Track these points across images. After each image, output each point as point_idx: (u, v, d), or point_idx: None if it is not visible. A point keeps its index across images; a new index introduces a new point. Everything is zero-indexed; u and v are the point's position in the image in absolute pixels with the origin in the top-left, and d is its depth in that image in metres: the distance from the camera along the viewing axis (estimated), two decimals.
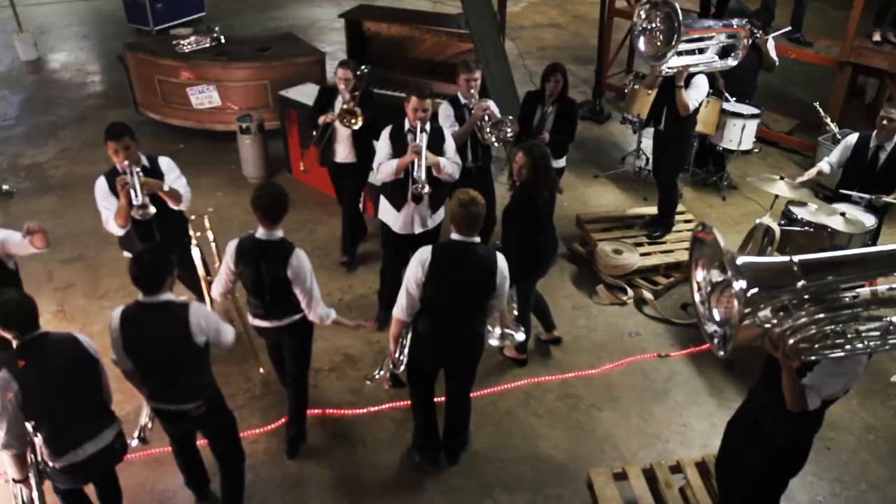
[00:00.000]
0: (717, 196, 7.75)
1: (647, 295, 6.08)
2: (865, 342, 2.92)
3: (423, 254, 3.94)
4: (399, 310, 4.07)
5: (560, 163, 6.25)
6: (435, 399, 4.59)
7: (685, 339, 5.78)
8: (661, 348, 5.71)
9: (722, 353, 2.85)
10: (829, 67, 8.46)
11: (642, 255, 6.35)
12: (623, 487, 4.36)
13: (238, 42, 8.66)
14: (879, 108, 6.92)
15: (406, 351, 4.22)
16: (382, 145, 5.13)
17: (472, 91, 5.56)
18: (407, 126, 5.10)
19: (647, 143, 7.52)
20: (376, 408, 5.10)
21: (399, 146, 5.07)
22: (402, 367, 4.26)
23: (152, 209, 4.51)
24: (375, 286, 5.93)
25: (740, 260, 2.70)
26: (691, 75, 6.05)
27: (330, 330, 5.65)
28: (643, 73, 7.51)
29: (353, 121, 5.73)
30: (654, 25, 5.62)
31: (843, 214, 5.39)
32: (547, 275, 5.36)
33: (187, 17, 11.93)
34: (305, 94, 7.45)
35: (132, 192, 4.46)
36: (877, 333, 2.93)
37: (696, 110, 6.35)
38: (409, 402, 5.11)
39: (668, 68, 5.82)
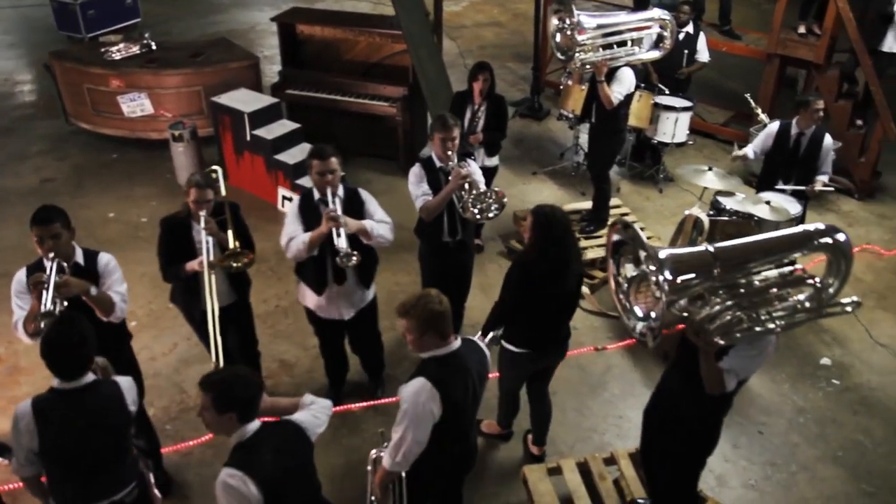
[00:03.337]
0: (654, 189, 7.84)
1: (584, 289, 6.11)
2: (776, 322, 3.03)
3: (424, 393, 3.15)
4: (399, 463, 3.27)
5: (493, 161, 6.25)
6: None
7: (622, 331, 5.82)
8: (598, 341, 5.76)
9: (651, 344, 2.94)
10: (759, 60, 8.61)
11: None
12: (558, 482, 4.38)
13: (169, 48, 8.50)
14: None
15: (405, 492, 3.48)
16: (290, 221, 4.35)
17: (450, 153, 4.68)
18: (316, 195, 4.34)
19: (586, 139, 7.58)
20: None
21: (311, 219, 4.28)
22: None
23: None
24: None
25: (663, 253, 2.77)
26: (615, 69, 6.11)
27: (266, 336, 5.63)
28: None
29: (238, 262, 4.26)
30: (566, 24, 5.72)
31: (768, 203, 5.49)
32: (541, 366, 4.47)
33: (122, 23, 11.67)
34: (239, 99, 7.38)
35: (44, 293, 3.54)
36: (785, 313, 3.05)
37: (627, 104, 6.41)
38: (343, 406, 5.10)
39: (586, 63, 5.88)
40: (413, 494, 3.47)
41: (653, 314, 2.95)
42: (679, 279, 2.76)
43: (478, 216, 4.70)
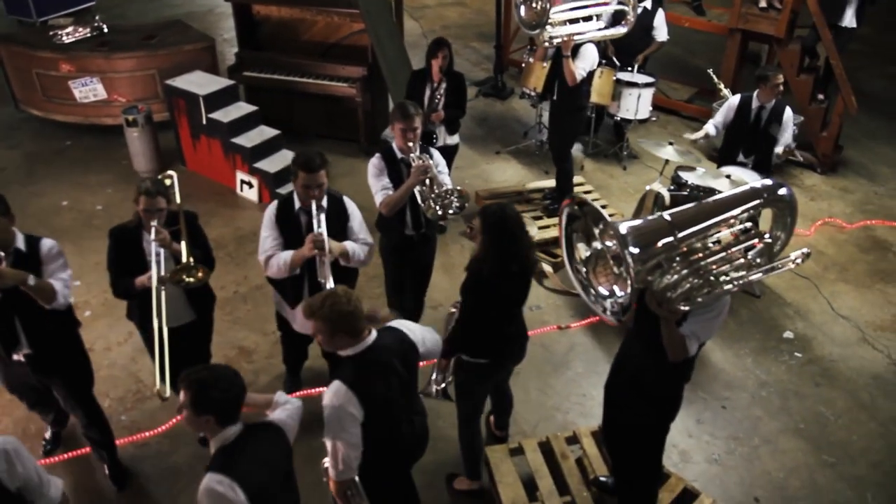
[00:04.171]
0: (618, 166, 7.80)
1: (547, 268, 6.07)
2: (733, 282, 3.03)
3: (339, 396, 3.03)
4: (343, 472, 3.15)
5: (454, 139, 6.15)
6: None
7: (585, 309, 5.78)
8: (562, 320, 5.71)
9: (619, 322, 2.90)
10: (723, 35, 8.58)
11: (541, 227, 6.33)
12: (520, 462, 4.34)
13: (121, 31, 8.26)
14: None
15: (362, 491, 3.34)
16: (267, 232, 4.08)
17: (411, 144, 4.44)
18: (297, 204, 4.09)
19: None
20: None
21: (291, 231, 4.04)
22: None
23: None
24: None
25: (623, 227, 2.70)
26: (579, 45, 6.03)
27: (224, 323, 5.52)
28: (537, 46, 7.47)
29: (191, 277, 3.92)
30: None
31: (728, 177, 5.46)
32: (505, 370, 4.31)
33: (75, 7, 11.35)
34: (194, 82, 7.19)
35: None
36: (741, 272, 3.05)
37: (589, 81, 6.34)
38: (303, 392, 4.99)
39: (553, 38, 5.80)
40: (372, 494, 3.35)
41: (617, 290, 2.90)
42: (643, 251, 2.70)
43: (439, 213, 4.49)
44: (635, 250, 2.67)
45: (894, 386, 5.23)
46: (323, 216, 3.96)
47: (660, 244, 2.80)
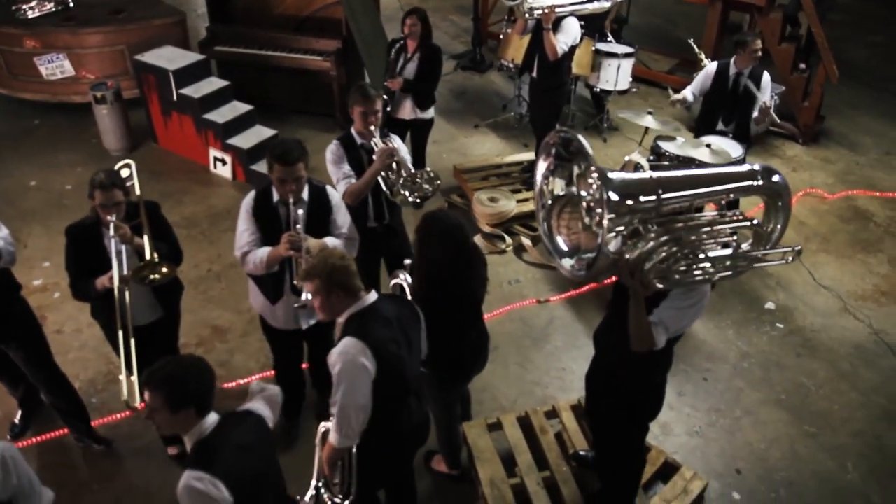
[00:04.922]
0: (599, 138, 7.70)
1: (526, 241, 5.98)
2: (715, 267, 2.83)
3: (352, 348, 2.91)
4: (346, 437, 3.00)
5: (429, 114, 6.02)
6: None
7: (565, 283, 5.70)
8: (541, 294, 5.63)
9: (583, 274, 2.69)
10: (704, 5, 8.46)
11: (519, 201, 6.22)
12: (499, 437, 4.26)
13: (88, 5, 8.01)
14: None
15: (354, 469, 3.20)
16: (243, 226, 3.79)
17: (372, 128, 4.21)
18: (276, 196, 3.77)
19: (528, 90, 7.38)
20: (245, 380, 4.84)
21: (270, 225, 3.77)
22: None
23: None
24: None
25: (612, 173, 2.56)
26: (561, 18, 5.90)
27: (197, 302, 5.42)
28: (516, 18, 7.32)
29: (156, 274, 3.63)
30: None
31: (708, 146, 5.37)
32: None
33: None
34: (163, 57, 7.02)
35: None
36: (727, 261, 2.86)
37: (570, 56, 6.20)
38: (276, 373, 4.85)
39: (533, 9, 5.67)
40: (365, 478, 3.22)
41: (582, 247, 2.74)
42: (622, 200, 2.55)
43: (409, 199, 4.24)
44: (615, 197, 2.52)
45: (875, 356, 5.20)
46: (301, 212, 3.71)
47: (641, 199, 2.65)
